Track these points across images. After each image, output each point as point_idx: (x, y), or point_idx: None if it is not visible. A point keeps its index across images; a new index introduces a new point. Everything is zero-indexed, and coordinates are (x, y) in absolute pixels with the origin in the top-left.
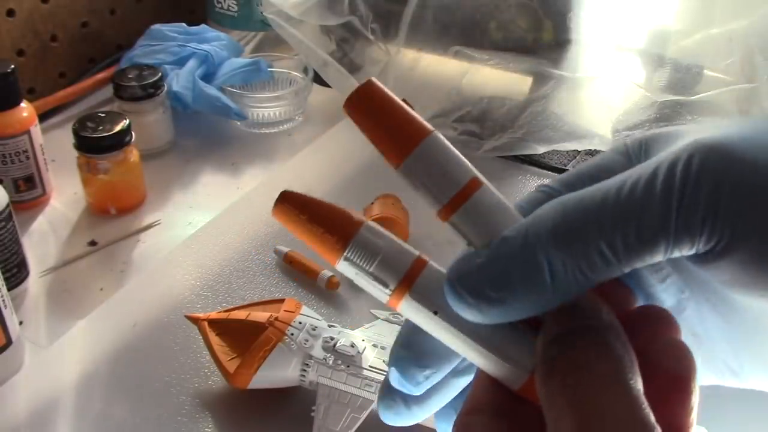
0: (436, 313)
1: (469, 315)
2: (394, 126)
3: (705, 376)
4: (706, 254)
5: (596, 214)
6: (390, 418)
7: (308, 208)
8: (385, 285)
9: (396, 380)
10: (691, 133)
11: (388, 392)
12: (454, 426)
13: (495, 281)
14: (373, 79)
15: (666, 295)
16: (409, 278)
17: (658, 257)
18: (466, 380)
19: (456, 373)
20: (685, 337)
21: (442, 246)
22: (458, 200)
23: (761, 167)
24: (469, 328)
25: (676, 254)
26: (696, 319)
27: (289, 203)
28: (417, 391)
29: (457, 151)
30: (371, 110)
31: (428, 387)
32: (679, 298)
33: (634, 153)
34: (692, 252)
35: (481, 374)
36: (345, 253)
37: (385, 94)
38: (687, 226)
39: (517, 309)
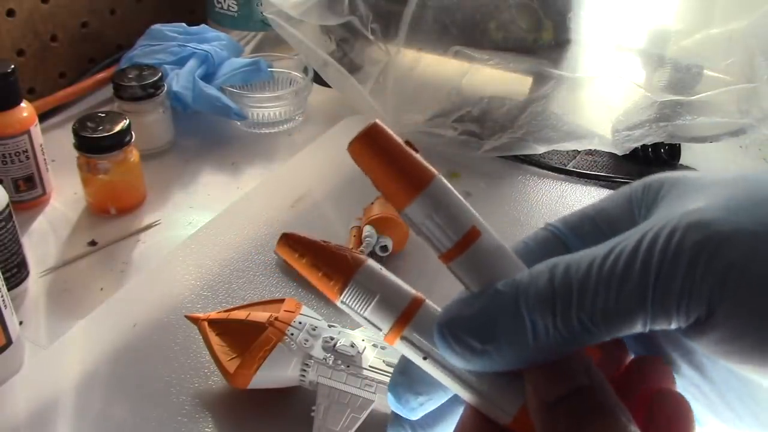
0: (425, 358)
1: (456, 361)
2: (398, 171)
3: (709, 421)
4: (687, 329)
5: (580, 283)
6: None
7: (308, 251)
8: (378, 329)
9: (393, 404)
10: (687, 194)
11: (396, 419)
12: None
13: (481, 333)
14: (378, 121)
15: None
16: (400, 323)
17: (637, 329)
18: None
19: (461, 401)
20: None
21: None
22: (458, 249)
23: (743, 245)
24: (457, 372)
25: (657, 328)
26: (709, 365)
27: (289, 247)
28: (412, 416)
29: (459, 196)
30: (376, 154)
31: (423, 412)
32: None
33: (635, 199)
34: (673, 327)
35: (469, 406)
36: (341, 298)
37: (390, 137)
38: (662, 304)
39: (499, 362)
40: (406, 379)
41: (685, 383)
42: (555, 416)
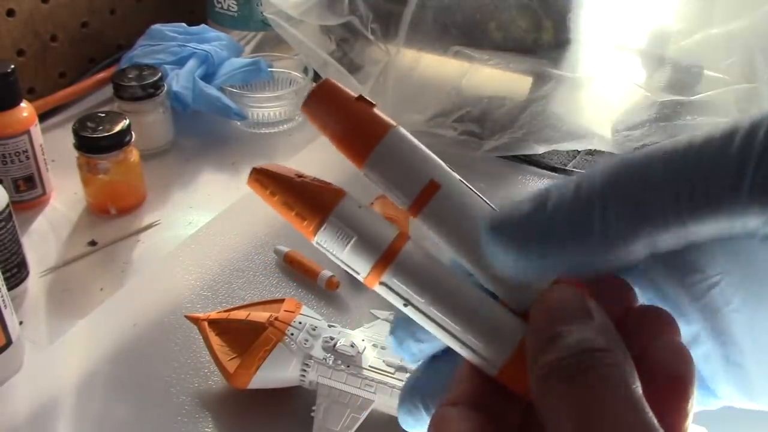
0: (405, 305)
1: (506, 266)
2: (352, 126)
3: (729, 393)
4: None
5: (662, 163)
6: (411, 425)
7: (280, 188)
8: (356, 272)
9: (395, 348)
10: None
11: (408, 397)
12: (431, 418)
13: (542, 231)
14: (330, 78)
15: (708, 304)
16: (378, 268)
17: (721, 223)
18: None
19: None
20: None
21: None
22: (417, 205)
23: None
24: (439, 319)
25: (740, 226)
26: (745, 328)
27: (260, 183)
28: (413, 361)
29: (419, 147)
30: (328, 112)
31: (424, 357)
32: (725, 311)
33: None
34: (759, 225)
35: (461, 366)
36: (315, 239)
37: (343, 93)
38: (761, 191)
39: (557, 263)
40: (406, 324)
41: (707, 349)
42: (557, 353)
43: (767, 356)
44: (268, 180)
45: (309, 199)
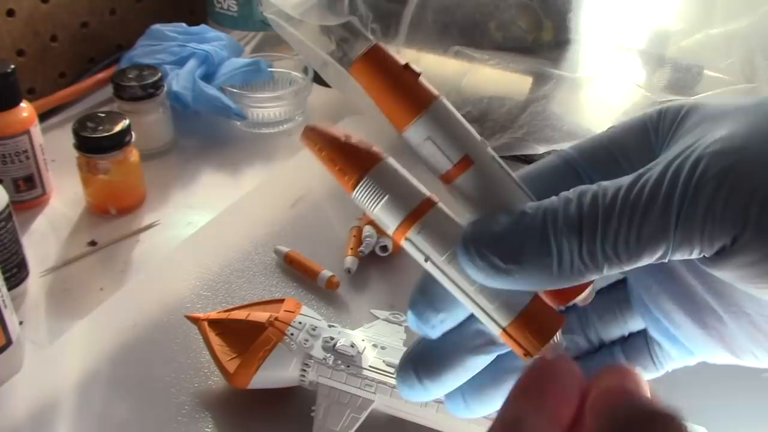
0: (426, 260)
1: (476, 276)
2: (398, 93)
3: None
4: (710, 258)
5: (606, 212)
6: (405, 392)
7: (327, 145)
8: (386, 227)
9: (413, 323)
10: (708, 120)
11: (404, 365)
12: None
13: (506, 252)
14: (380, 44)
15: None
16: (405, 225)
17: (660, 259)
18: (482, 360)
19: (471, 350)
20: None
21: None
22: (459, 169)
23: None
24: (456, 275)
25: (679, 257)
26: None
27: (310, 139)
28: (432, 334)
29: (461, 119)
30: (377, 74)
31: (442, 330)
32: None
33: (651, 125)
34: (695, 256)
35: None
36: (353, 193)
37: (391, 58)
38: (686, 232)
39: (519, 283)
40: (426, 297)
41: (704, 315)
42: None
43: (688, 322)
44: (318, 137)
45: (351, 158)
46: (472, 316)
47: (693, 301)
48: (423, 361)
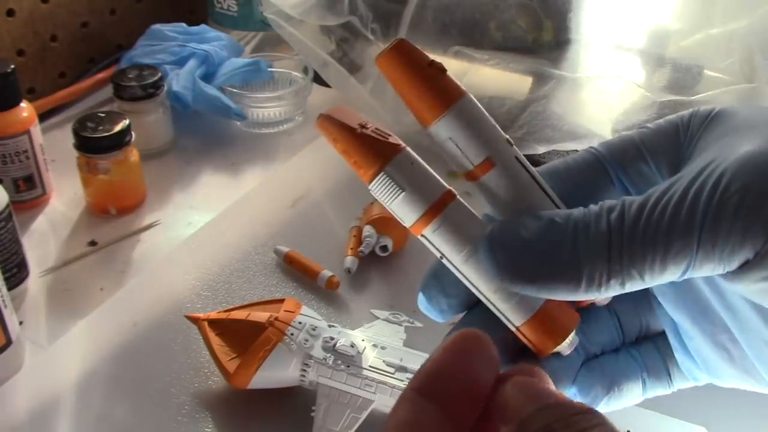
0: (441, 257)
1: (497, 278)
2: (425, 90)
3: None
4: (731, 273)
5: (630, 232)
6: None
7: (342, 136)
8: (403, 221)
9: (423, 305)
10: (736, 131)
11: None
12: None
13: (536, 262)
14: (405, 39)
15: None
16: (422, 221)
17: (681, 276)
18: None
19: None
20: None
21: None
22: (487, 166)
23: None
24: (472, 274)
25: (702, 274)
26: None
27: (325, 129)
28: (441, 319)
29: (487, 116)
30: (404, 68)
31: (452, 315)
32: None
33: (682, 126)
34: (718, 273)
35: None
36: (369, 186)
37: (418, 53)
38: (708, 251)
39: (542, 290)
40: (438, 282)
41: (717, 331)
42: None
43: (706, 344)
44: (332, 127)
45: (367, 151)
46: None
47: (706, 316)
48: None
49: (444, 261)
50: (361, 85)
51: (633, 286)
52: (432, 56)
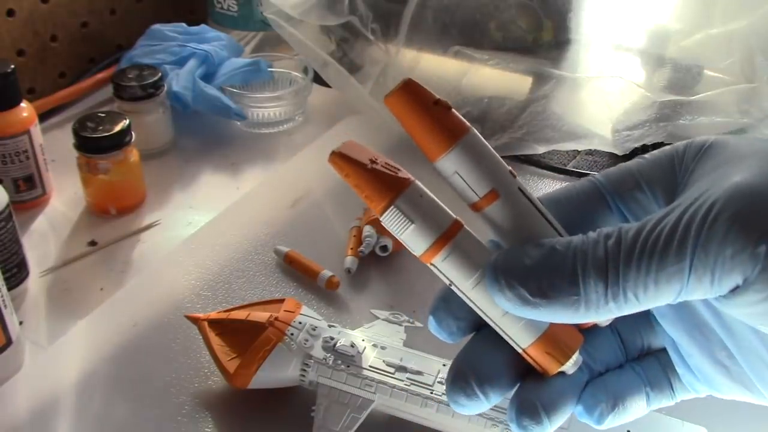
0: (450, 285)
1: (502, 304)
2: (430, 128)
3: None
4: (723, 297)
5: (626, 256)
6: (462, 403)
7: (353, 172)
8: (413, 251)
9: (433, 328)
10: (729, 162)
11: (459, 376)
12: None
13: (537, 287)
14: (413, 79)
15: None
16: (432, 251)
17: (675, 300)
18: None
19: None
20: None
21: None
22: (478, 206)
23: None
24: (480, 300)
25: (694, 298)
26: None
27: (337, 165)
28: (451, 340)
29: (492, 151)
30: (411, 107)
31: (462, 337)
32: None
33: (677, 157)
34: (711, 296)
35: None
36: (381, 218)
37: (425, 92)
38: (699, 276)
39: (544, 314)
40: (447, 305)
41: (715, 349)
42: None
43: (705, 362)
44: (344, 163)
45: (377, 185)
46: None
47: (703, 334)
48: (478, 366)
49: (453, 288)
50: (361, 85)
51: (630, 308)
52: (432, 56)
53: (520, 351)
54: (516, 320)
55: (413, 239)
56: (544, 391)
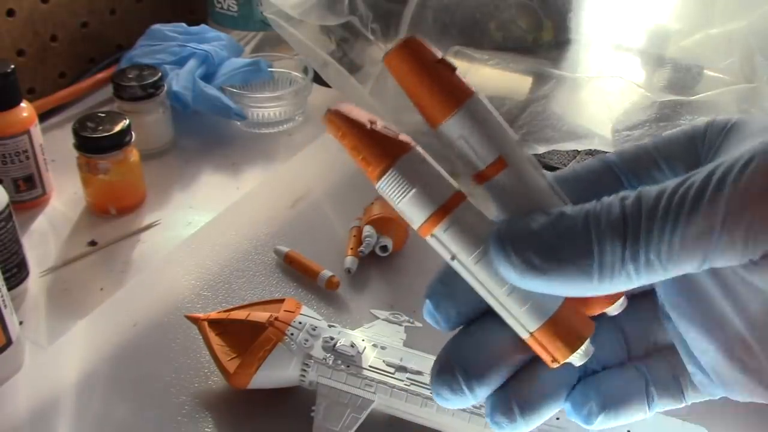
0: (452, 259)
1: (509, 275)
2: (433, 89)
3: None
4: (753, 263)
5: (649, 215)
6: (447, 397)
7: (351, 132)
8: (411, 221)
9: (429, 313)
10: (750, 136)
11: (445, 368)
12: None
13: (546, 250)
14: (416, 36)
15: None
16: (432, 221)
17: (701, 265)
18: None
19: (516, 351)
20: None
21: None
22: (496, 168)
23: None
24: (484, 275)
25: (722, 264)
26: None
27: (333, 123)
28: (448, 327)
29: (497, 116)
30: (412, 66)
31: (459, 324)
32: None
33: (699, 136)
34: (738, 262)
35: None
36: (378, 185)
37: (428, 50)
38: (731, 237)
39: (554, 284)
40: (446, 288)
41: (733, 343)
42: None
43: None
44: (340, 122)
45: (376, 147)
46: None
47: (720, 326)
48: (467, 359)
49: (454, 263)
50: (361, 85)
51: (648, 275)
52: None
53: (525, 336)
54: (523, 300)
55: (413, 207)
56: (524, 389)
